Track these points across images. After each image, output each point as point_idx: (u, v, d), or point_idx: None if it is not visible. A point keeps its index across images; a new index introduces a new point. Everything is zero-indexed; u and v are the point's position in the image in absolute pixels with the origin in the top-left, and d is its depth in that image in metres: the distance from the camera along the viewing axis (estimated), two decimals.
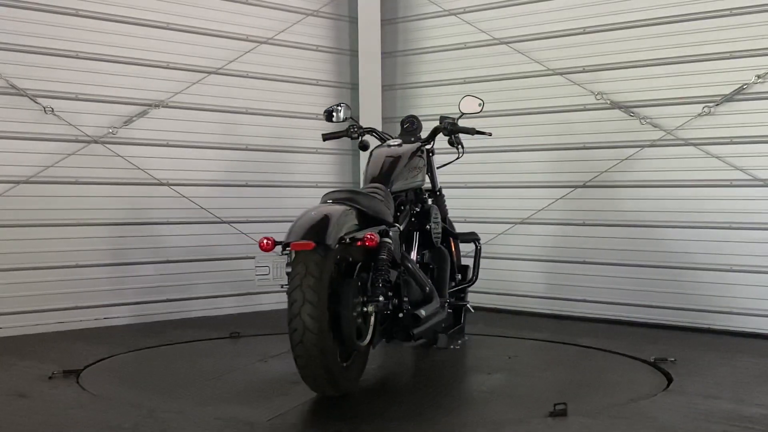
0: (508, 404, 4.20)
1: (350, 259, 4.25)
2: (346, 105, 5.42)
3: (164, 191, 6.65)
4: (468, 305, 5.54)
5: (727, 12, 5.98)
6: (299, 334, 3.93)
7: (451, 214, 5.71)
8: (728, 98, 5.97)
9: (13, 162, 5.96)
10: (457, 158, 5.44)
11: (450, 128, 5.30)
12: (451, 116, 5.37)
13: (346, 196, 4.40)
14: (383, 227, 4.41)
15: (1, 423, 3.79)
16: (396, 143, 5.15)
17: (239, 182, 7.09)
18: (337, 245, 4.05)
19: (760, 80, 5.86)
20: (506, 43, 7.03)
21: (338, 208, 4.21)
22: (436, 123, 5.39)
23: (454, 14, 7.33)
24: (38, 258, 6.05)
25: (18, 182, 5.98)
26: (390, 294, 4.36)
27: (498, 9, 7.09)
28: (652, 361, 4.99)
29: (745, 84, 5.91)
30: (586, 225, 6.66)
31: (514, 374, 4.83)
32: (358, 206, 4.36)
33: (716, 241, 6.04)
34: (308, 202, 7.72)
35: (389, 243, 4.32)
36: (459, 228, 5.80)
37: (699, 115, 6.10)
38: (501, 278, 7.03)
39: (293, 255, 4.07)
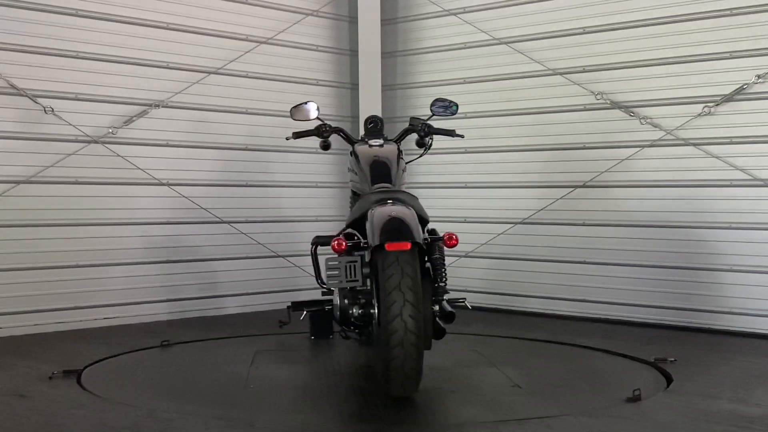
0: (508, 404, 4.20)
1: None
2: (315, 103, 5.39)
3: (164, 191, 6.65)
4: (466, 302, 5.55)
5: (727, 12, 5.98)
6: (400, 336, 3.90)
7: (451, 214, 5.71)
8: (728, 98, 5.97)
9: (13, 162, 5.96)
10: (419, 157, 5.43)
11: (428, 129, 5.29)
12: (420, 117, 5.38)
13: (396, 197, 4.39)
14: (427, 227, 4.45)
15: (1, 423, 3.79)
16: (377, 143, 5.12)
17: (239, 182, 7.09)
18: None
19: (760, 80, 5.86)
20: (506, 43, 7.03)
21: (407, 209, 4.22)
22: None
23: (454, 14, 7.33)
24: (38, 258, 6.05)
25: (18, 182, 5.98)
26: None
27: (498, 9, 7.09)
28: (652, 361, 4.99)
29: (745, 84, 5.91)
30: (586, 225, 6.66)
31: (513, 375, 4.82)
32: (411, 206, 4.37)
33: (716, 241, 6.04)
34: (308, 202, 7.74)
35: (441, 242, 4.36)
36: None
37: (699, 115, 6.10)
38: (501, 278, 7.04)
39: (367, 256, 4.12)
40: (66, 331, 6.03)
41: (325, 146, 5.32)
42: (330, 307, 5.06)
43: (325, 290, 5.46)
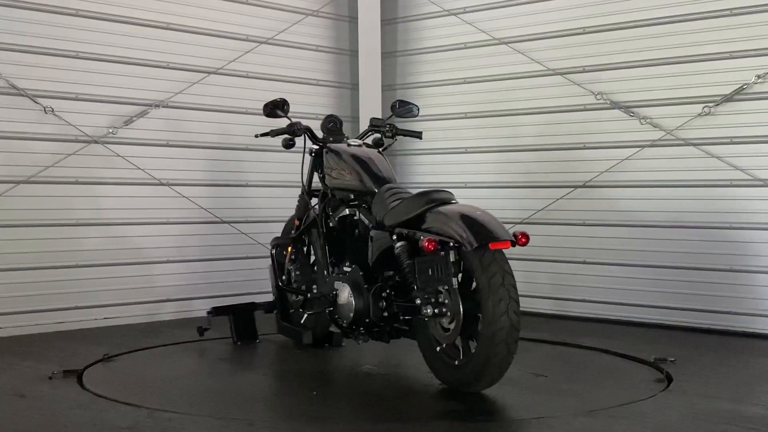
0: (505, 404, 4.20)
1: None
2: (287, 101, 5.41)
3: (164, 191, 6.65)
4: None
5: (727, 12, 5.98)
6: (505, 332, 4.03)
7: None
8: (728, 98, 5.97)
9: (13, 162, 5.96)
10: None
11: (395, 131, 5.38)
12: (380, 118, 5.50)
13: (448, 197, 4.48)
14: None
15: (1, 423, 3.79)
16: (356, 143, 5.24)
17: (239, 182, 7.09)
18: None
19: (760, 80, 5.86)
20: (506, 43, 7.03)
21: (483, 209, 4.30)
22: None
23: (454, 14, 7.33)
24: (38, 258, 6.05)
25: (18, 182, 5.98)
26: None
27: (498, 9, 7.09)
28: (652, 361, 4.98)
29: (745, 84, 5.91)
30: (586, 225, 6.65)
31: (512, 374, 4.81)
32: None
33: (716, 241, 6.04)
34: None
35: None
36: None
37: (699, 115, 6.10)
38: None
39: (452, 255, 4.17)
40: (66, 331, 6.03)
41: (290, 145, 5.36)
42: (330, 309, 5.02)
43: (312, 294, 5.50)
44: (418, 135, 5.51)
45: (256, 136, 5.51)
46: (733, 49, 5.95)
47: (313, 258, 5.54)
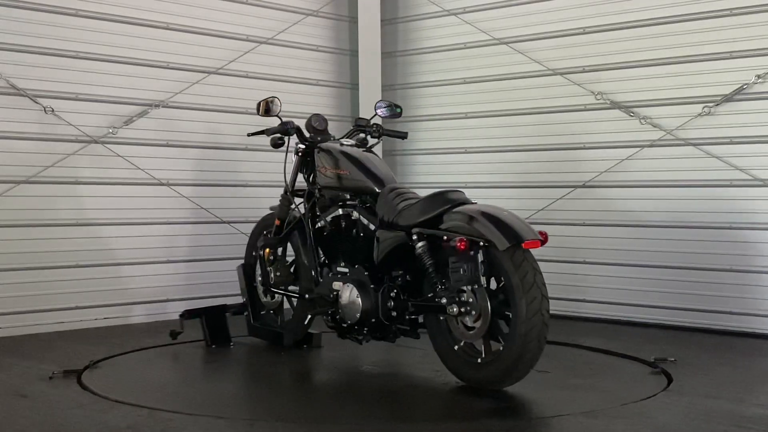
0: (506, 403, 4.20)
1: None
2: (279, 100, 5.41)
3: (164, 191, 6.65)
4: None
5: (727, 12, 5.98)
6: (538, 330, 4.10)
7: None
8: (728, 98, 5.97)
9: (13, 162, 5.96)
10: None
11: (381, 131, 5.41)
12: (365, 118, 5.52)
13: (465, 197, 4.49)
14: None
15: (1, 423, 3.79)
16: (349, 143, 5.24)
17: (239, 182, 7.09)
18: None
19: (760, 80, 5.86)
20: (506, 43, 7.03)
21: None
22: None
23: (454, 14, 7.33)
24: (38, 258, 6.05)
25: (18, 182, 5.98)
26: None
27: (498, 9, 7.09)
28: (652, 361, 4.98)
29: (745, 84, 5.91)
30: (586, 225, 6.65)
31: None
32: None
33: (716, 241, 6.04)
34: None
35: None
36: None
37: (699, 115, 6.10)
38: None
39: (481, 255, 4.20)
40: (66, 331, 6.03)
41: (278, 144, 5.38)
42: (332, 310, 4.95)
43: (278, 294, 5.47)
44: (402, 135, 5.51)
45: (249, 134, 5.53)
46: (733, 49, 5.95)
47: (291, 258, 5.52)
